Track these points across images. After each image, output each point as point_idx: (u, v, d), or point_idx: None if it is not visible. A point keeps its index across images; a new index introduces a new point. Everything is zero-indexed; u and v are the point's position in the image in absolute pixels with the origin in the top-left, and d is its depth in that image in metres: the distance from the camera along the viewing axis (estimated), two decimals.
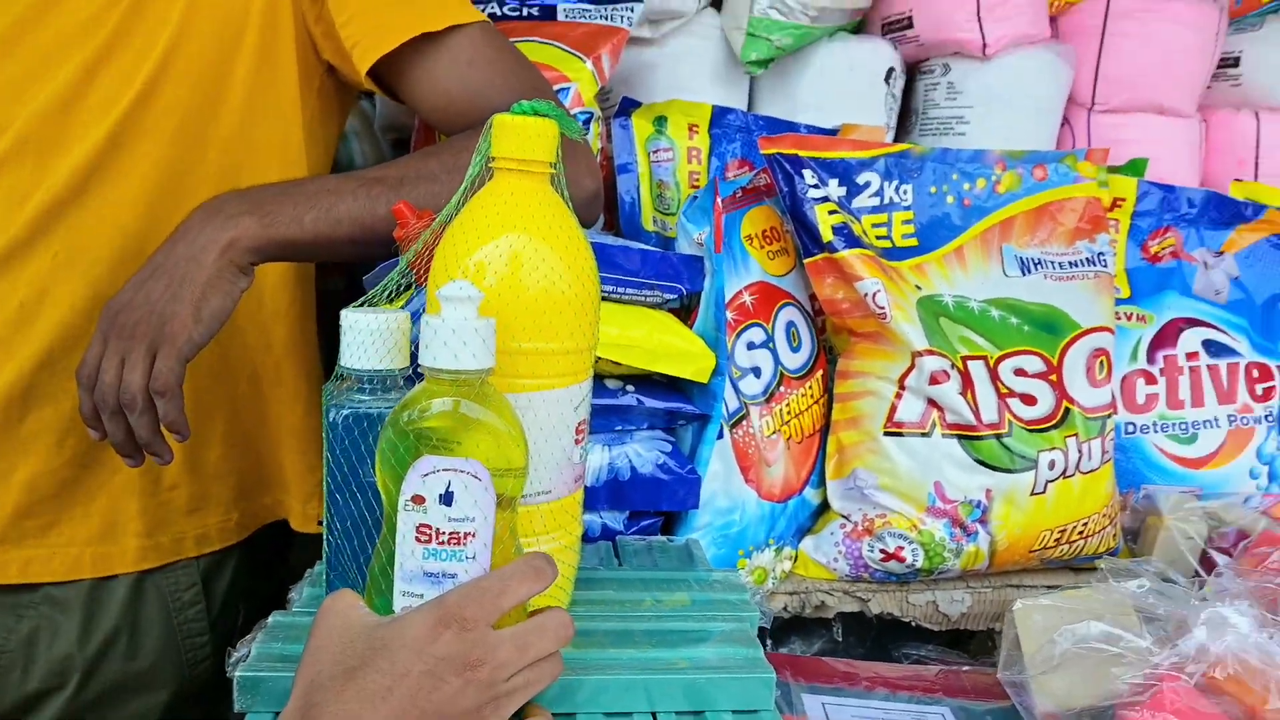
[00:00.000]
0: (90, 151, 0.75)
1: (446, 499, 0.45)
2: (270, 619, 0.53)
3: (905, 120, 1.31)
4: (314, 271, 0.89)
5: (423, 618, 0.43)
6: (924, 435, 0.90)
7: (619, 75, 1.14)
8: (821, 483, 0.95)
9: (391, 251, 0.68)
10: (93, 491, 0.80)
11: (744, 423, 0.87)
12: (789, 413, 0.92)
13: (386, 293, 0.56)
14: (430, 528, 0.45)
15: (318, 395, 0.90)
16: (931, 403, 0.90)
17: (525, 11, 1.04)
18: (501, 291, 0.49)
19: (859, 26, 1.27)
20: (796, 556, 0.93)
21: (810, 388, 0.94)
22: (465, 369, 0.45)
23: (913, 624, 0.94)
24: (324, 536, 0.53)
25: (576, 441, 0.54)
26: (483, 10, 1.02)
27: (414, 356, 0.52)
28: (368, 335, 0.50)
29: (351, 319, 0.50)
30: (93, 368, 0.66)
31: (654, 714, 0.50)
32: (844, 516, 0.92)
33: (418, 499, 0.45)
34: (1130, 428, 1.06)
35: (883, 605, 0.92)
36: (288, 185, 0.72)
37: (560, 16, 1.03)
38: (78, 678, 0.79)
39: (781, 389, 0.91)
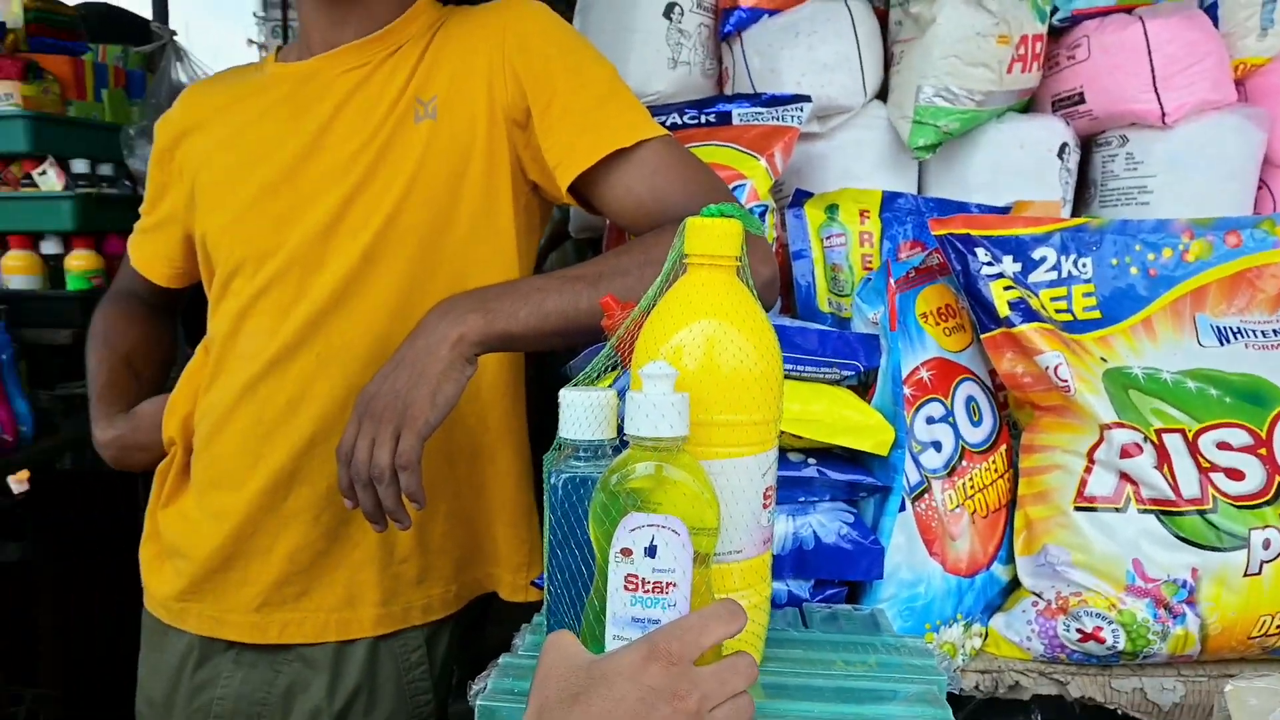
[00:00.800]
0: (347, 269, 0.89)
1: (651, 551, 0.51)
2: (501, 659, 0.60)
3: (1084, 193, 1.30)
4: (524, 362, 1.00)
5: (634, 652, 0.48)
6: (1118, 510, 0.87)
7: (791, 168, 1.21)
8: (1010, 559, 0.94)
9: (593, 339, 0.77)
10: (338, 563, 0.92)
11: (926, 496, 0.89)
12: (973, 487, 0.92)
13: (595, 373, 0.64)
14: (637, 577, 0.51)
15: (529, 472, 1.00)
16: (1124, 477, 0.88)
17: (703, 119, 1.14)
18: (697, 370, 0.56)
19: (1028, 105, 1.29)
20: (987, 634, 0.91)
21: (994, 462, 0.94)
22: (664, 436, 0.52)
23: (1119, 712, 0.89)
24: (545, 588, 0.60)
25: (764, 505, 0.59)
26: (664, 121, 1.13)
27: (620, 428, 0.59)
28: (582, 410, 0.58)
29: (570, 397, 0.58)
30: (349, 447, 0.77)
31: None
32: (1036, 594, 0.90)
33: (626, 551, 0.52)
34: None
35: (1083, 689, 0.89)
36: (504, 286, 0.83)
37: (735, 121, 1.12)
38: None
39: (964, 463, 0.92)
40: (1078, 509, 0.89)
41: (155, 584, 0.99)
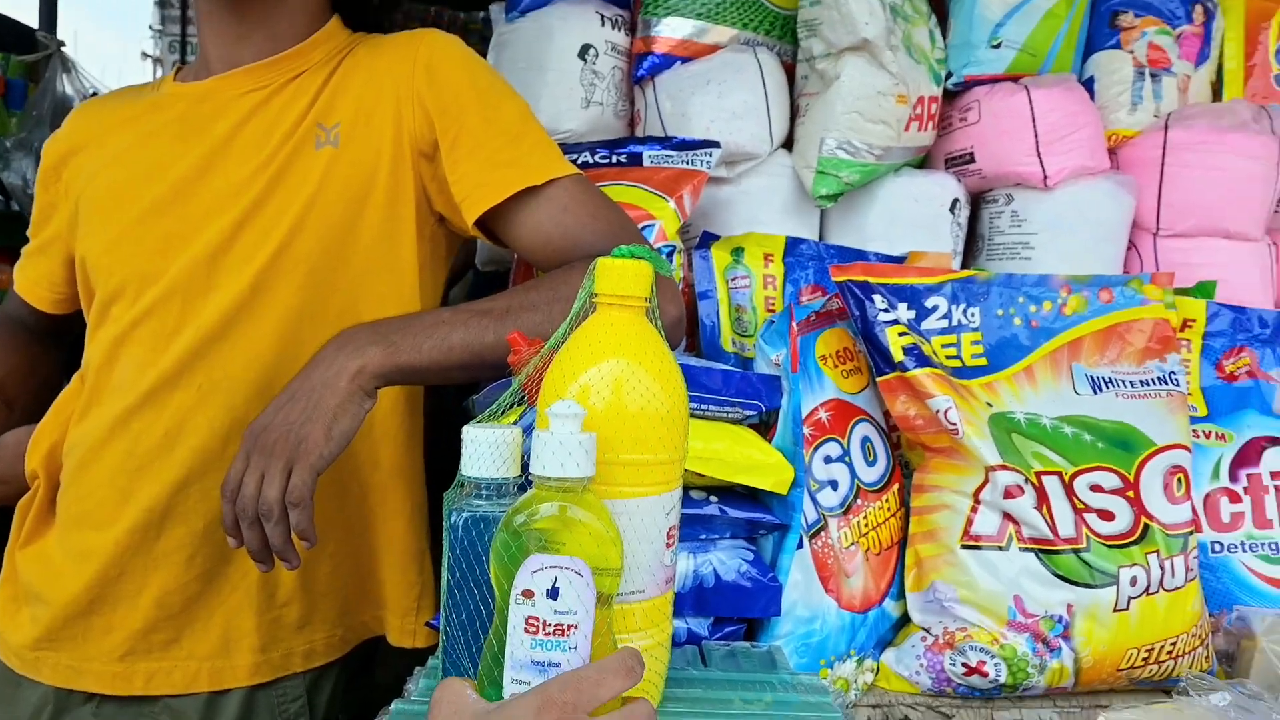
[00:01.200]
0: (234, 296, 0.86)
1: (553, 593, 0.51)
2: (393, 706, 0.59)
3: (972, 245, 1.37)
4: (421, 398, 0.98)
5: (528, 705, 0.47)
6: (1001, 549, 0.92)
7: (699, 211, 1.24)
8: (901, 595, 0.97)
9: (498, 374, 0.77)
10: (213, 608, 0.87)
11: (823, 534, 0.91)
12: (867, 525, 0.95)
13: (500, 410, 0.64)
14: (538, 619, 0.51)
15: (420, 514, 0.97)
16: (1008, 516, 0.92)
17: (615, 159, 1.16)
18: (604, 409, 0.56)
19: (923, 162, 1.36)
20: (878, 669, 0.94)
21: (888, 501, 0.98)
22: (570, 476, 0.52)
23: None
24: (441, 629, 0.58)
25: (667, 545, 0.59)
26: (576, 159, 1.14)
27: (525, 467, 0.59)
28: (486, 447, 0.57)
29: (472, 434, 0.58)
30: (235, 482, 0.74)
31: None
32: (925, 629, 0.94)
33: (527, 593, 0.51)
34: (1217, 547, 1.05)
35: None
36: (407, 318, 0.82)
37: (646, 162, 1.14)
38: None
39: (859, 501, 0.95)
40: (964, 547, 0.93)
41: (9, 630, 0.91)
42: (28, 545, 0.92)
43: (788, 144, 1.29)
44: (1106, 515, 0.93)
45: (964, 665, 0.90)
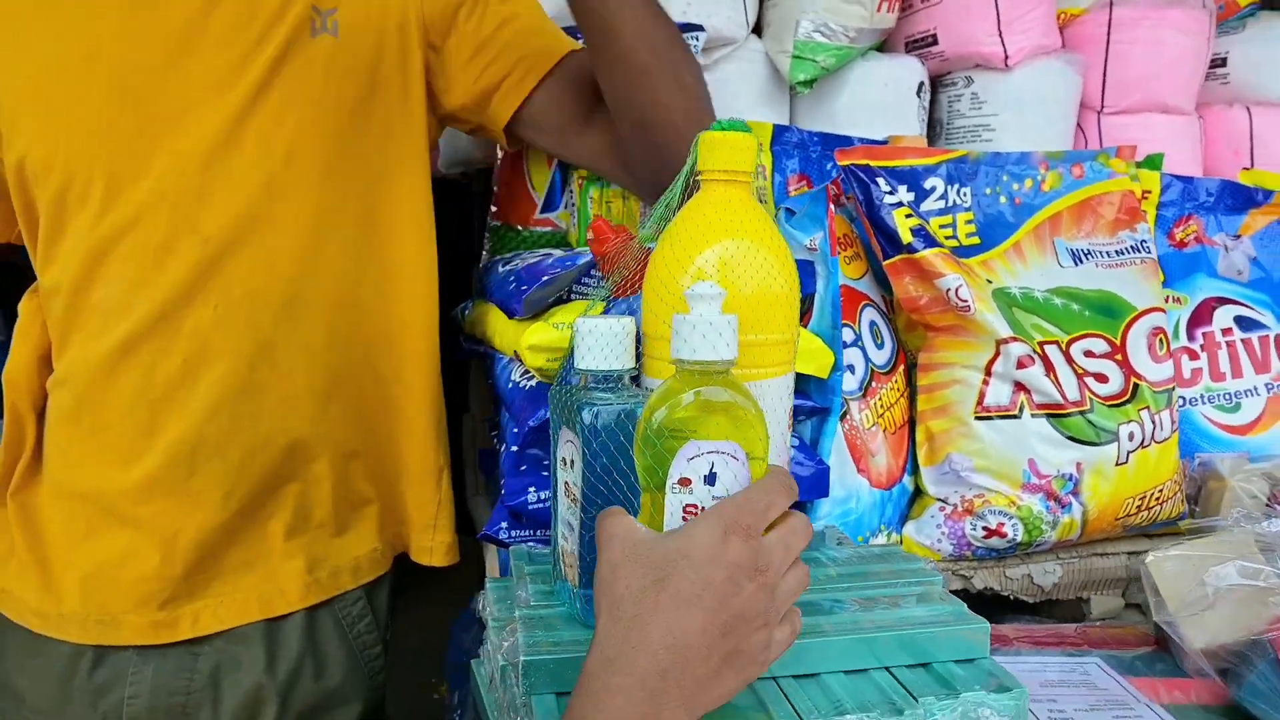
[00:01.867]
0: (244, 204, 0.76)
1: (710, 479, 0.50)
2: (518, 613, 0.56)
3: (931, 130, 1.39)
4: (438, 321, 0.92)
5: (709, 529, 0.46)
6: (1014, 417, 0.96)
7: None
8: (915, 471, 1.01)
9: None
10: (254, 539, 0.81)
11: (848, 417, 0.92)
12: (882, 405, 0.97)
13: (597, 299, 0.60)
14: (697, 507, 0.49)
15: (441, 430, 0.93)
16: (1019, 386, 0.96)
17: None
18: (732, 289, 0.54)
19: (882, 45, 1.35)
20: (901, 541, 0.98)
21: (896, 381, 1.00)
22: (720, 359, 0.50)
23: (1010, 598, 0.99)
24: (579, 529, 0.56)
25: (790, 427, 0.58)
26: None
27: (638, 356, 0.56)
28: (604, 338, 0.54)
29: (588, 325, 0.54)
30: None
31: (888, 669, 0.55)
32: (941, 500, 0.98)
33: (684, 481, 0.49)
34: (1180, 401, 1.14)
35: (985, 581, 0.97)
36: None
37: None
38: (275, 703, 0.80)
39: (874, 384, 0.96)
40: (978, 418, 0.96)
41: (20, 587, 0.81)
42: (22, 492, 0.82)
43: (757, 30, 1.25)
44: (1101, 378, 0.99)
45: (984, 529, 0.95)
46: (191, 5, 0.77)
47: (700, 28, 1.11)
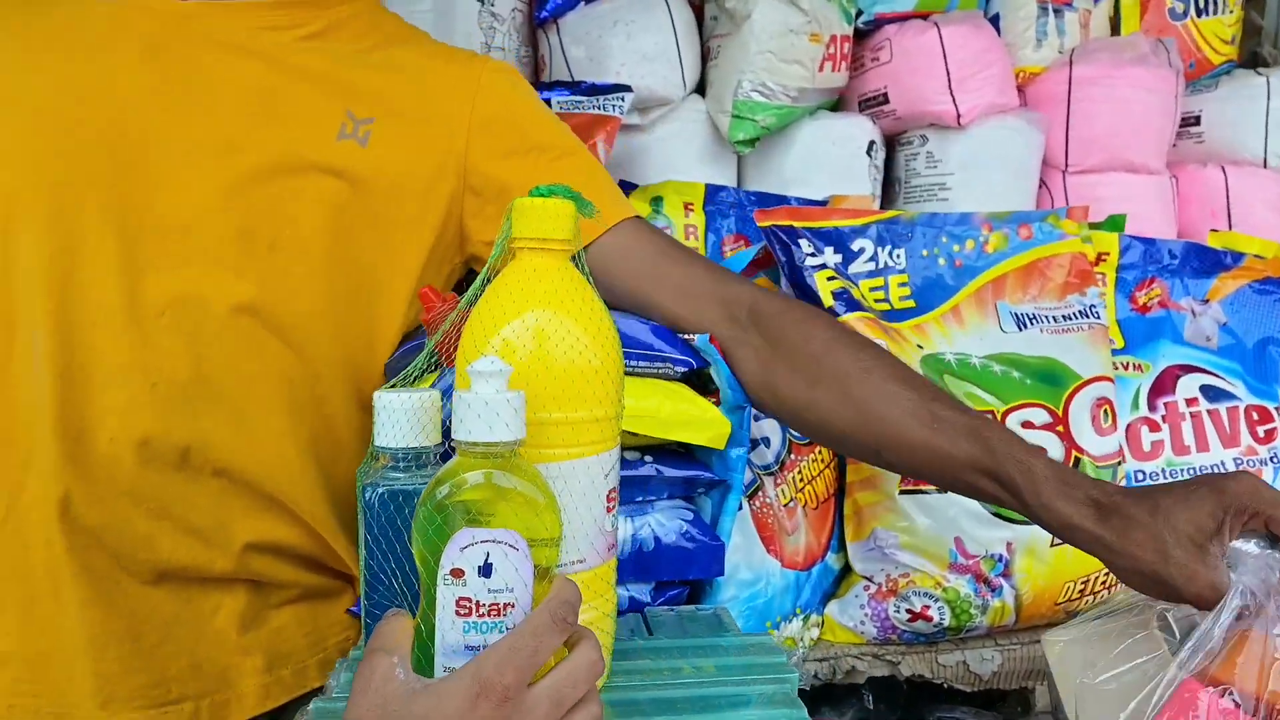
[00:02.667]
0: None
1: (485, 571, 0.45)
2: (311, 706, 0.52)
3: (890, 189, 1.35)
4: None
5: (462, 689, 0.42)
6: (940, 491, 0.90)
7: (614, 160, 1.18)
8: (841, 547, 0.95)
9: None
10: (197, 631, 0.76)
11: (760, 493, 0.88)
12: (802, 479, 0.92)
13: (415, 374, 0.57)
14: (470, 600, 0.45)
15: None
16: None
17: None
18: (529, 364, 0.50)
19: (837, 105, 1.33)
20: (823, 623, 0.92)
21: (820, 452, 0.95)
22: (499, 440, 0.46)
23: (945, 686, 0.92)
24: (362, 616, 0.52)
25: (608, 510, 0.54)
26: None
27: (446, 433, 0.53)
28: (401, 414, 0.51)
29: (385, 399, 0.51)
30: None
31: None
32: (867, 578, 0.92)
33: (457, 572, 0.45)
34: (1140, 475, 1.07)
35: (913, 667, 0.91)
36: None
37: (555, 109, 1.07)
38: None
39: (792, 456, 0.92)
40: (903, 492, 0.91)
41: None
42: None
43: (700, 90, 1.24)
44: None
45: (908, 611, 0.89)
46: (215, 66, 0.73)
47: (628, 88, 1.09)
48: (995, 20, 1.38)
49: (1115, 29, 1.45)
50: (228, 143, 0.72)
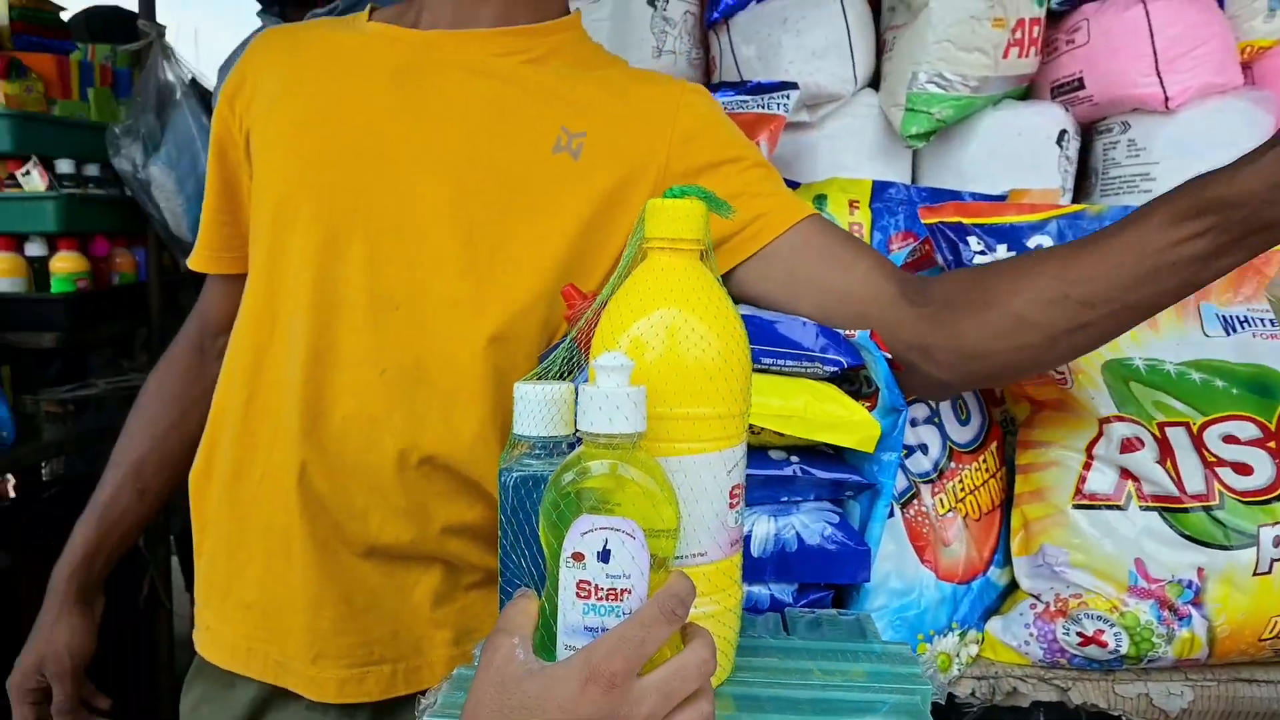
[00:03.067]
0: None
1: (604, 556, 0.48)
2: (455, 671, 0.57)
3: (1084, 182, 1.26)
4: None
5: (572, 675, 0.44)
6: (1119, 508, 0.83)
7: (781, 159, 1.18)
8: (1007, 561, 0.90)
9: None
10: (399, 601, 0.84)
11: (915, 501, 0.85)
12: (963, 488, 0.88)
13: (555, 368, 0.60)
14: (589, 583, 0.48)
15: None
16: (1125, 473, 0.83)
17: None
18: (655, 361, 0.52)
19: (1026, 92, 1.25)
20: (983, 639, 0.87)
21: (985, 461, 0.90)
22: (618, 432, 0.48)
23: (1123, 719, 0.85)
24: (499, 591, 0.56)
25: (731, 505, 0.55)
26: None
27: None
28: (537, 405, 0.55)
29: (523, 390, 0.55)
30: None
31: None
32: (1034, 596, 0.86)
33: (578, 556, 0.48)
34: None
35: (1085, 695, 0.84)
36: None
37: None
38: None
39: (953, 464, 0.88)
40: (1076, 507, 0.85)
41: (220, 623, 0.85)
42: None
43: (875, 83, 1.21)
44: (1243, 469, 0.83)
45: (1079, 634, 0.82)
46: (451, 87, 0.81)
47: (794, 85, 1.08)
48: None
49: None
50: (458, 155, 0.80)
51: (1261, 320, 0.92)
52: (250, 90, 0.86)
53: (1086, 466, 0.85)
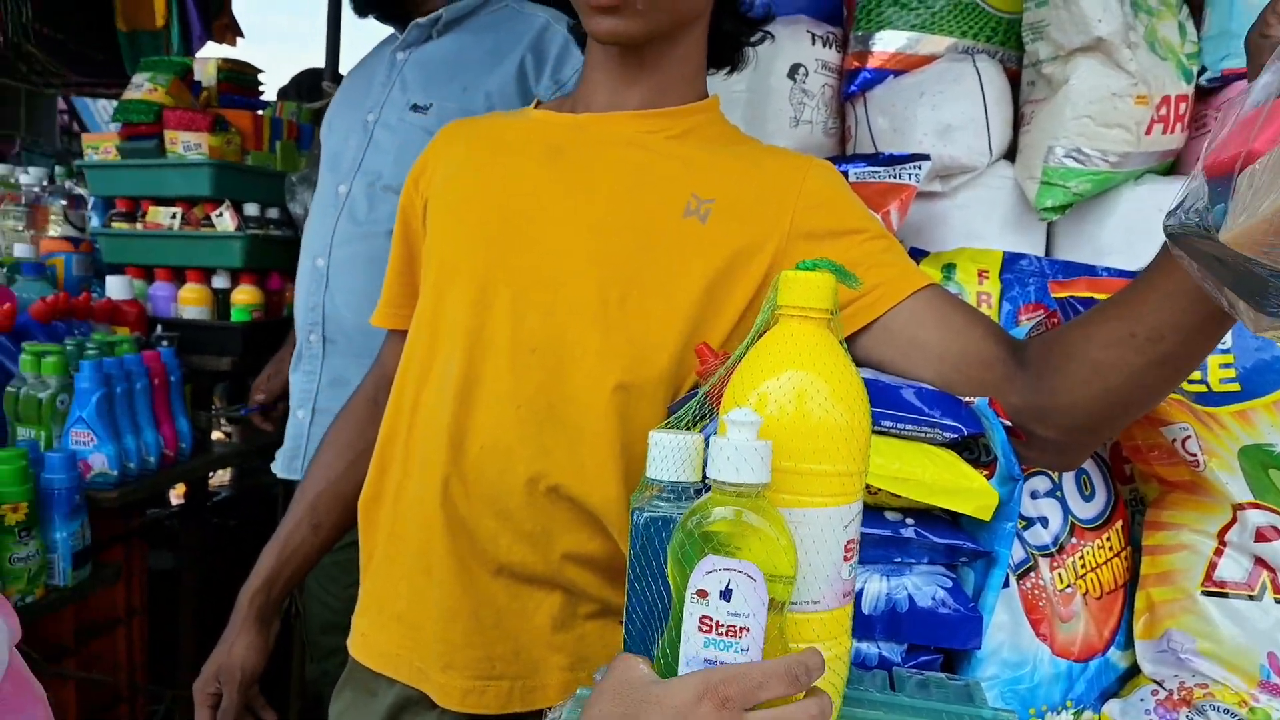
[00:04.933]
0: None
1: (726, 595, 0.52)
2: (578, 691, 0.62)
3: None
4: None
5: (690, 685, 0.49)
6: (1252, 598, 0.81)
7: (911, 226, 1.20)
8: (1129, 644, 0.88)
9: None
10: (520, 622, 0.90)
11: (1033, 574, 0.85)
12: (1084, 565, 0.87)
13: (688, 419, 0.66)
14: (711, 620, 0.52)
15: None
16: (1260, 562, 0.81)
17: None
18: (782, 418, 0.57)
19: (1172, 167, 1.23)
20: None
21: (1109, 539, 0.89)
22: (745, 482, 0.53)
23: None
24: (624, 622, 0.61)
25: (845, 558, 0.58)
26: None
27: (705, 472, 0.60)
28: (669, 452, 0.60)
29: (657, 438, 0.60)
30: None
31: None
32: (1157, 683, 0.84)
33: (702, 593, 0.52)
34: None
35: None
36: None
37: (851, 179, 1.12)
38: None
39: (1074, 540, 0.88)
40: (1205, 593, 0.83)
41: (375, 631, 0.95)
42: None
43: (1010, 155, 1.22)
44: None
45: None
46: (598, 161, 0.90)
47: (925, 157, 1.12)
48: None
49: None
50: (598, 217, 0.89)
51: None
52: (431, 171, 1.00)
53: (1218, 553, 0.83)
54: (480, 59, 1.41)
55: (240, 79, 2.08)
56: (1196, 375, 0.92)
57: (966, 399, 0.80)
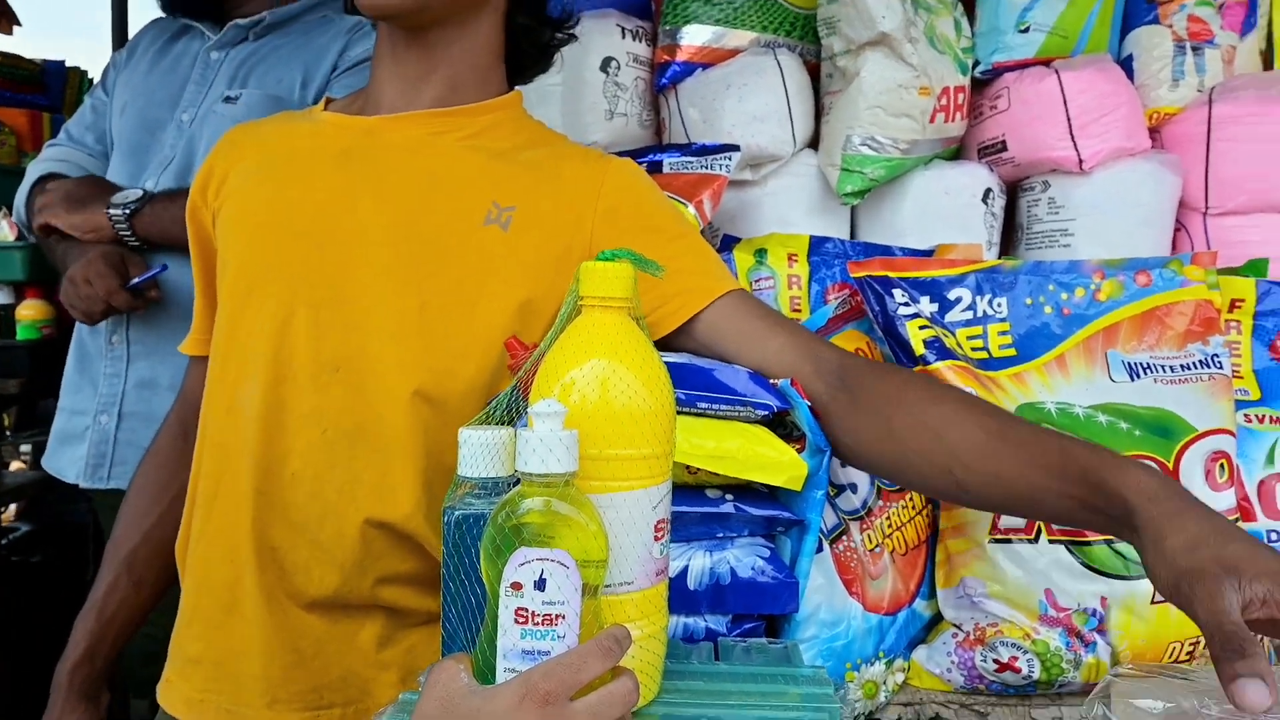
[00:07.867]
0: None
1: (540, 585, 0.53)
2: (400, 696, 0.61)
3: (1011, 236, 1.34)
4: None
5: (510, 693, 0.49)
6: (1030, 541, 0.90)
7: (726, 215, 1.25)
8: (933, 594, 0.96)
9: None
10: (345, 645, 0.86)
11: (844, 538, 0.91)
12: (890, 525, 0.94)
13: (497, 413, 0.66)
14: (527, 610, 0.53)
15: None
16: None
17: None
18: (586, 406, 0.58)
19: (956, 153, 1.34)
20: (909, 668, 0.93)
21: (911, 499, 0.96)
22: (552, 472, 0.54)
23: None
24: (441, 624, 0.61)
25: (656, 538, 0.60)
26: None
27: None
28: (479, 448, 0.60)
29: (466, 435, 0.60)
30: None
31: None
32: (956, 626, 0.92)
33: (516, 585, 0.53)
34: (1274, 535, 1.00)
35: (1004, 719, 0.90)
36: None
37: (665, 170, 1.15)
38: None
39: (880, 502, 0.94)
40: (993, 541, 0.91)
41: (179, 678, 0.88)
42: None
43: (815, 144, 1.29)
44: None
45: (995, 661, 0.88)
46: (389, 166, 0.87)
47: (736, 148, 1.16)
48: (1128, 61, 1.35)
49: (1268, 63, 1.38)
50: (393, 228, 0.85)
51: (1163, 366, 0.99)
52: (218, 181, 0.93)
53: None
54: (294, 55, 1.36)
55: (14, 74, 1.90)
56: (979, 344, 1.01)
57: (773, 380, 0.84)
